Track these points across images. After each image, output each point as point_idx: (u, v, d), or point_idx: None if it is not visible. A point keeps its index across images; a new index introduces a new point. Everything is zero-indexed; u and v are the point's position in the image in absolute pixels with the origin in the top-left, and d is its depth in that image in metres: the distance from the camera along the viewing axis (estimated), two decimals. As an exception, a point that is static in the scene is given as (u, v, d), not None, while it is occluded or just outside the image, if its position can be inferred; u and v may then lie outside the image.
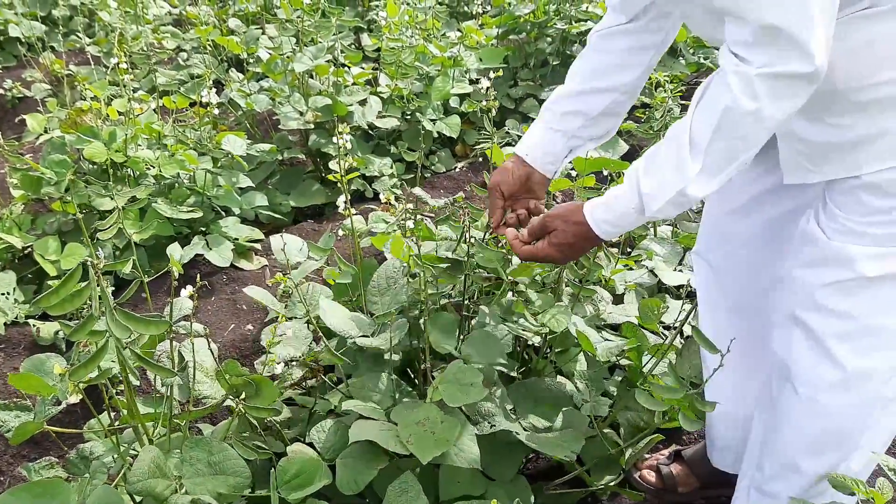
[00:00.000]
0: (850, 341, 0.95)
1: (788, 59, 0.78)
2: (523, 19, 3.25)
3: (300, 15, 2.84)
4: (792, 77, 0.80)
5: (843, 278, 0.92)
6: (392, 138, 2.78)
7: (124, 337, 1.01)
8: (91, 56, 3.30)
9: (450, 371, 1.19)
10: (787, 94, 0.81)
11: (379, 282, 1.38)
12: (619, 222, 1.00)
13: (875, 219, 0.89)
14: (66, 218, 2.19)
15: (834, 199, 0.93)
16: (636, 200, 0.95)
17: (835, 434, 1.01)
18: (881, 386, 0.96)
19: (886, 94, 0.84)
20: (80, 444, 1.24)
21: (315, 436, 1.29)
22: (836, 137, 0.90)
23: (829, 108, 0.89)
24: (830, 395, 0.98)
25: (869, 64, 0.84)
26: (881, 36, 0.83)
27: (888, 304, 0.92)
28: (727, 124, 0.84)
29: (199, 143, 2.37)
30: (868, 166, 0.87)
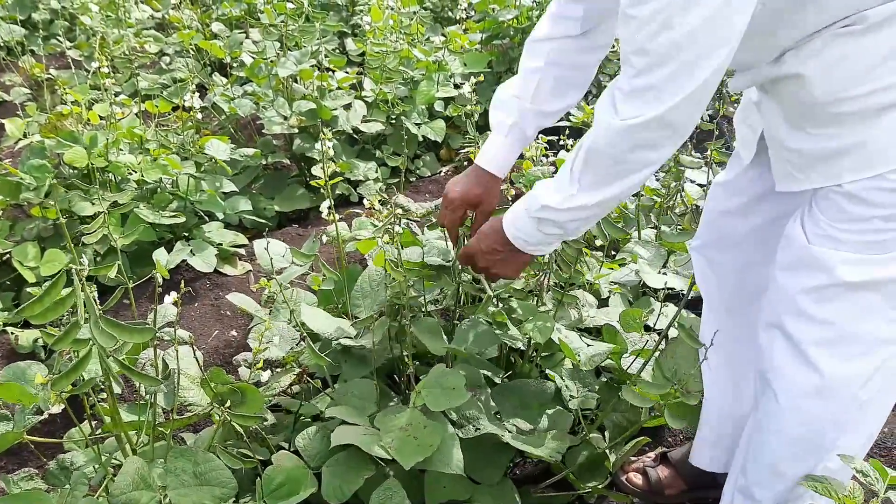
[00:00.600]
0: (828, 347, 0.96)
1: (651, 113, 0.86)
2: (507, 24, 3.27)
3: (284, 20, 2.84)
4: (651, 131, 0.87)
5: (823, 283, 0.94)
6: (377, 143, 2.77)
7: (109, 345, 1.00)
8: (72, 60, 3.26)
9: (433, 375, 1.19)
10: (645, 147, 0.90)
11: (363, 286, 1.39)
12: (520, 229, 1.08)
13: (854, 226, 0.90)
14: (46, 224, 2.16)
15: (818, 203, 0.95)
16: (530, 208, 1.04)
17: (815, 438, 1.02)
18: (858, 390, 0.97)
19: (861, 106, 0.86)
20: (61, 455, 1.22)
21: (300, 443, 1.28)
22: (817, 147, 0.92)
23: (809, 118, 0.91)
24: (810, 402, 0.99)
25: (844, 78, 0.86)
26: (854, 52, 0.85)
27: (865, 310, 0.93)
28: (590, 160, 0.95)
29: (182, 148, 2.35)
30: (848, 175, 0.89)
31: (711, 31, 0.80)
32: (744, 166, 1.15)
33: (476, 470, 1.26)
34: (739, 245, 1.18)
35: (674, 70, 0.82)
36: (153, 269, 2.02)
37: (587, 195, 0.98)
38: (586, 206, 0.99)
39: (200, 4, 3.96)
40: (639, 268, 1.95)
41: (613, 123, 0.89)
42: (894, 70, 0.83)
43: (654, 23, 0.81)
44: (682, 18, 0.79)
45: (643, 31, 0.82)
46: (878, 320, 0.93)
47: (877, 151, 0.86)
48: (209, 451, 1.16)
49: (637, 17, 0.82)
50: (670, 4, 0.79)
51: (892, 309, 0.92)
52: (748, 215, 1.16)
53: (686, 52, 0.81)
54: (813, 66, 0.87)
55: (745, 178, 1.16)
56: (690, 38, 0.80)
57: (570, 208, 1.00)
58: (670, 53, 0.82)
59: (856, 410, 1.00)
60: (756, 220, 1.15)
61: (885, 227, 0.88)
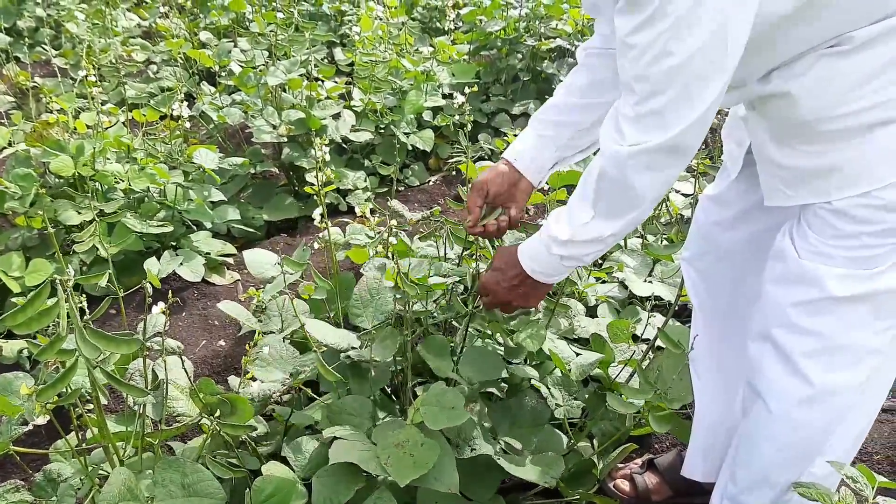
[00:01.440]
0: (817, 358, 0.98)
1: (658, 138, 0.87)
2: (494, 36, 3.30)
3: (273, 29, 2.84)
4: (657, 156, 0.89)
5: (813, 297, 0.95)
6: (366, 152, 2.78)
7: (94, 356, 0.99)
8: (58, 68, 3.24)
9: (432, 393, 1.18)
10: (654, 168, 0.91)
11: (362, 294, 1.38)
12: (538, 260, 1.10)
13: (843, 242, 0.92)
14: (31, 233, 2.13)
15: (807, 219, 0.96)
16: (546, 240, 1.06)
17: (805, 446, 1.04)
18: (849, 398, 1.00)
19: (847, 125, 0.88)
20: (46, 466, 1.21)
21: (291, 453, 1.27)
22: (805, 164, 0.93)
23: (798, 135, 0.93)
24: (800, 411, 1.01)
25: (830, 97, 0.88)
26: (840, 72, 0.87)
27: (854, 322, 0.95)
28: (603, 188, 0.97)
29: (170, 157, 2.34)
30: (837, 193, 0.90)
31: (709, 55, 0.81)
32: (732, 180, 1.17)
33: (469, 487, 1.26)
34: (729, 256, 1.20)
35: (675, 96, 0.84)
36: (139, 278, 2.01)
37: (604, 223, 1.00)
38: (602, 236, 1.01)
39: (188, 13, 3.95)
40: (625, 277, 1.97)
41: (621, 150, 0.91)
42: (878, 90, 0.85)
43: (653, 50, 0.82)
44: (679, 45, 0.81)
45: (643, 59, 0.84)
46: (866, 331, 0.95)
47: (863, 169, 0.88)
48: (198, 461, 1.15)
49: (636, 46, 0.84)
50: (667, 32, 0.80)
51: (878, 320, 0.95)
52: (737, 227, 1.18)
53: (686, 77, 0.83)
54: (800, 85, 0.89)
55: (733, 191, 1.17)
56: (689, 63, 0.82)
57: (588, 240, 1.01)
58: (670, 79, 0.83)
59: (844, 418, 1.02)
60: (745, 231, 1.17)
61: (873, 242, 0.90)
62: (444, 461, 1.14)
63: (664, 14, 0.80)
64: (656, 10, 0.80)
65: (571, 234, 1.02)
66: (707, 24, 0.79)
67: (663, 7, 0.79)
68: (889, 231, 0.89)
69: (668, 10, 0.79)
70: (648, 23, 0.81)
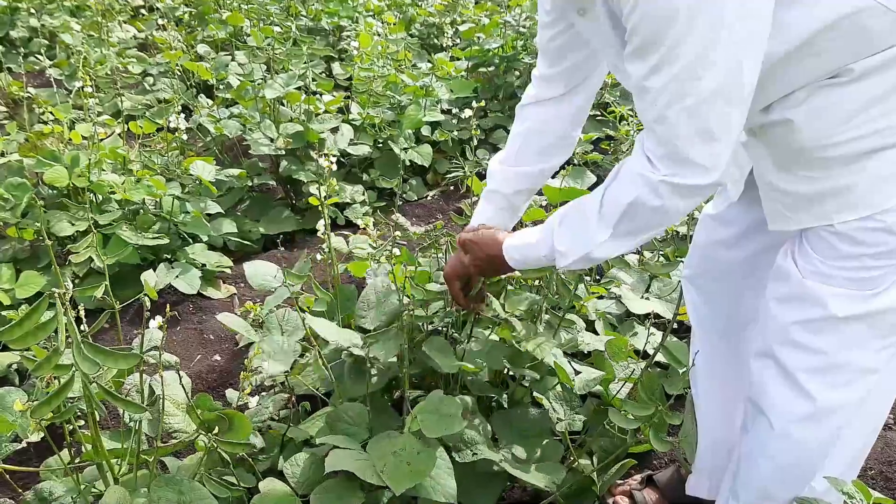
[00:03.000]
0: (820, 376, 0.99)
1: (690, 175, 0.89)
2: (492, 53, 3.33)
3: (271, 43, 2.85)
4: (691, 187, 0.90)
5: (815, 317, 0.97)
6: (364, 166, 2.78)
7: (92, 372, 0.97)
8: (53, 79, 3.22)
9: (430, 401, 1.18)
10: (687, 197, 0.92)
11: (368, 297, 1.38)
12: (527, 262, 1.13)
13: (845, 264, 0.93)
14: (23, 244, 2.10)
15: (809, 241, 0.98)
16: (546, 251, 1.07)
17: (805, 463, 1.04)
18: (845, 417, 1.01)
19: (845, 151, 0.89)
20: (37, 485, 1.17)
21: (288, 469, 1.25)
22: (806, 189, 0.95)
23: (798, 161, 0.94)
24: (801, 428, 1.02)
25: (828, 124, 0.89)
26: (838, 101, 0.88)
27: (856, 341, 0.96)
28: (632, 213, 0.96)
29: (167, 169, 2.33)
30: (838, 216, 0.92)
31: (725, 95, 0.83)
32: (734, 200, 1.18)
33: (469, 497, 1.25)
34: (730, 275, 1.20)
35: (695, 135, 0.85)
36: (134, 292, 1.98)
37: (618, 243, 1.00)
38: (614, 253, 1.02)
39: (185, 26, 3.95)
40: (621, 294, 1.97)
41: (657, 177, 0.91)
42: (875, 118, 0.87)
43: (669, 92, 0.84)
44: (694, 86, 0.82)
45: (660, 101, 0.85)
46: (865, 350, 0.97)
47: (862, 194, 0.90)
48: (194, 479, 1.12)
49: (652, 89, 0.85)
50: (682, 74, 0.82)
51: (876, 339, 0.96)
52: (738, 246, 1.18)
53: (703, 118, 0.84)
54: (799, 113, 0.91)
55: (734, 211, 1.18)
56: (706, 104, 0.83)
57: (596, 258, 1.03)
58: (690, 121, 0.85)
59: (842, 436, 1.03)
60: (746, 250, 1.18)
61: (874, 264, 0.92)
62: (441, 469, 1.14)
63: (676, 57, 0.81)
64: (668, 53, 0.81)
65: (586, 252, 1.02)
66: (722, 63, 0.80)
67: (674, 49, 0.80)
68: (889, 253, 0.91)
69: (680, 53, 0.80)
70: (662, 66, 0.83)
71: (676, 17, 0.78)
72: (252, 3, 3.91)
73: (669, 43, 0.80)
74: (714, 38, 0.79)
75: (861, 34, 0.83)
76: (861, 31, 0.83)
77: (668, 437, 1.20)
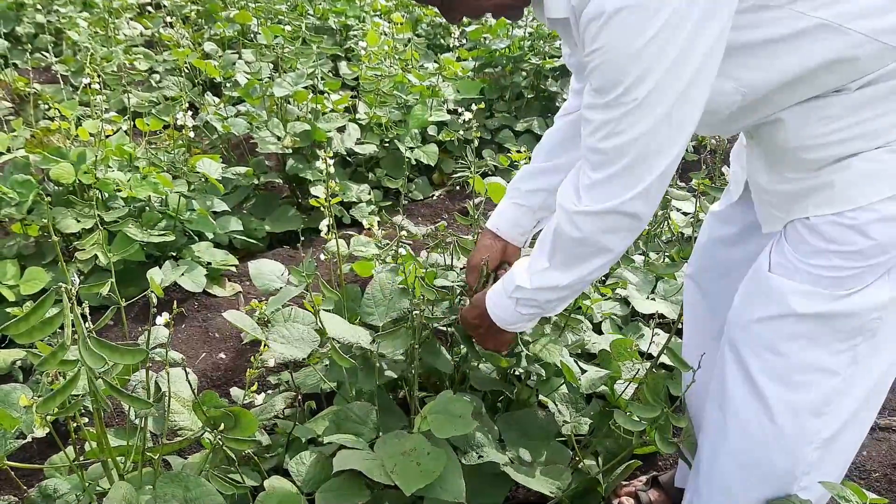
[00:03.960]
0: (776, 376, 0.99)
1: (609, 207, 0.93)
2: (499, 53, 3.33)
3: (280, 41, 2.84)
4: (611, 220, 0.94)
5: (774, 313, 0.97)
6: (370, 165, 2.77)
7: (98, 367, 0.96)
8: (59, 75, 3.22)
9: (439, 401, 1.17)
10: (608, 232, 0.96)
11: (374, 293, 1.38)
12: (500, 311, 1.14)
13: (813, 260, 0.94)
14: (28, 241, 2.10)
15: (787, 233, 0.99)
16: (510, 288, 1.10)
17: (767, 465, 1.03)
18: (810, 419, 0.99)
19: (833, 153, 0.92)
20: (42, 482, 1.17)
21: (294, 467, 1.24)
22: (794, 187, 0.97)
23: (786, 161, 0.97)
24: (759, 427, 1.01)
25: (813, 130, 0.92)
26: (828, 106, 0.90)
27: (812, 341, 0.96)
28: (558, 242, 1.02)
29: (173, 166, 2.32)
30: (815, 210, 0.94)
31: (657, 136, 0.87)
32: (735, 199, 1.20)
33: (475, 497, 1.24)
34: (730, 273, 1.20)
35: (625, 169, 0.90)
36: (139, 289, 1.97)
37: (559, 274, 1.04)
38: (559, 285, 1.05)
39: (192, 24, 3.96)
40: (628, 293, 1.96)
41: (577, 209, 0.96)
42: (862, 121, 0.89)
43: (606, 128, 0.89)
44: (630, 126, 0.86)
45: (597, 134, 0.90)
46: (825, 351, 0.96)
47: (840, 191, 0.92)
48: (200, 475, 1.11)
49: (592, 121, 0.90)
50: (622, 114, 0.86)
51: (837, 341, 0.95)
52: (740, 244, 1.19)
53: (635, 153, 0.89)
54: (790, 113, 0.93)
55: (737, 209, 1.20)
56: (638, 141, 0.87)
57: (543, 287, 1.06)
58: (620, 156, 0.89)
59: (814, 447, 1.00)
60: (747, 249, 1.18)
61: (841, 263, 0.92)
62: (450, 470, 1.14)
63: (624, 102, 0.85)
64: (618, 97, 0.85)
65: (529, 279, 1.06)
66: (658, 109, 0.85)
67: (625, 95, 0.85)
68: (857, 254, 0.91)
69: (628, 99, 0.85)
70: (608, 106, 0.87)
71: (630, 72, 0.83)
72: (260, 2, 3.91)
73: (621, 91, 0.85)
74: (660, 96, 0.84)
75: (852, 64, 0.86)
76: (852, 61, 0.86)
77: (673, 439, 1.19)
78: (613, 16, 0.80)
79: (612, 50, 0.83)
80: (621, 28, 0.81)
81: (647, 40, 0.80)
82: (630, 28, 0.80)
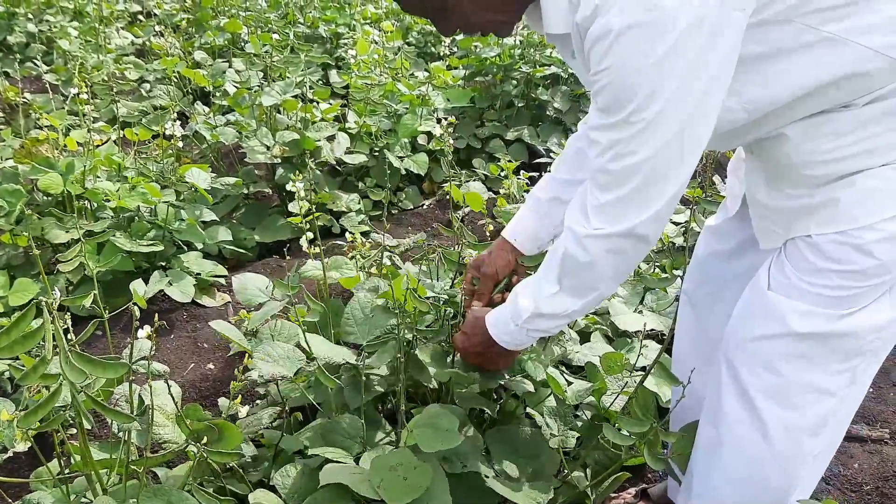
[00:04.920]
0: (773, 395, 0.98)
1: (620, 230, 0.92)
2: (490, 62, 3.34)
3: (269, 50, 2.85)
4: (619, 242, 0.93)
5: (773, 332, 0.96)
6: (360, 174, 2.78)
7: (79, 381, 0.96)
8: (49, 84, 3.22)
9: (426, 415, 1.17)
10: (616, 253, 0.94)
11: (354, 313, 1.37)
12: (504, 333, 1.12)
13: (814, 279, 0.93)
14: (17, 251, 2.09)
15: (786, 250, 0.98)
16: (511, 312, 1.08)
17: (761, 482, 1.03)
18: (805, 439, 0.99)
19: (836, 169, 0.90)
20: (27, 495, 1.16)
21: (279, 480, 1.24)
22: (796, 204, 0.96)
23: (788, 177, 0.96)
24: (753, 445, 1.01)
25: (818, 145, 0.91)
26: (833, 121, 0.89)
27: (810, 361, 0.95)
28: (566, 266, 0.99)
29: (162, 176, 2.32)
30: (817, 228, 0.93)
31: (668, 157, 0.86)
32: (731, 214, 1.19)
33: (465, 509, 1.23)
34: (725, 290, 1.20)
35: (634, 191, 0.89)
36: (127, 299, 1.97)
37: (569, 298, 1.02)
38: (567, 311, 1.03)
39: (183, 33, 3.96)
40: (611, 308, 1.93)
41: (585, 232, 0.95)
42: (867, 137, 0.88)
43: (615, 149, 0.87)
44: (640, 147, 0.85)
45: (605, 155, 0.88)
46: (823, 372, 0.96)
47: (844, 209, 0.91)
48: (183, 489, 1.11)
49: (600, 143, 0.88)
50: (630, 135, 0.85)
51: (836, 362, 0.95)
52: (734, 259, 1.19)
53: (645, 174, 0.87)
54: (794, 129, 0.92)
55: (733, 224, 1.19)
56: (648, 162, 0.86)
57: (553, 314, 1.04)
58: (630, 177, 0.88)
59: (806, 461, 1.01)
60: (742, 265, 1.18)
61: (842, 283, 0.91)
62: (437, 484, 1.13)
63: (632, 122, 0.84)
64: (627, 117, 0.84)
65: (536, 306, 1.04)
66: (668, 129, 0.83)
67: (634, 115, 0.83)
68: (859, 274, 0.90)
69: (636, 119, 0.83)
70: (616, 126, 0.85)
71: (639, 92, 0.81)
72: (250, 11, 3.92)
73: (630, 111, 0.83)
74: (670, 115, 0.83)
75: (861, 79, 0.85)
76: (862, 77, 0.85)
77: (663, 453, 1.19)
78: (621, 35, 0.78)
79: (620, 69, 0.81)
80: (629, 47, 0.79)
81: (657, 59, 0.78)
82: (638, 47, 0.78)
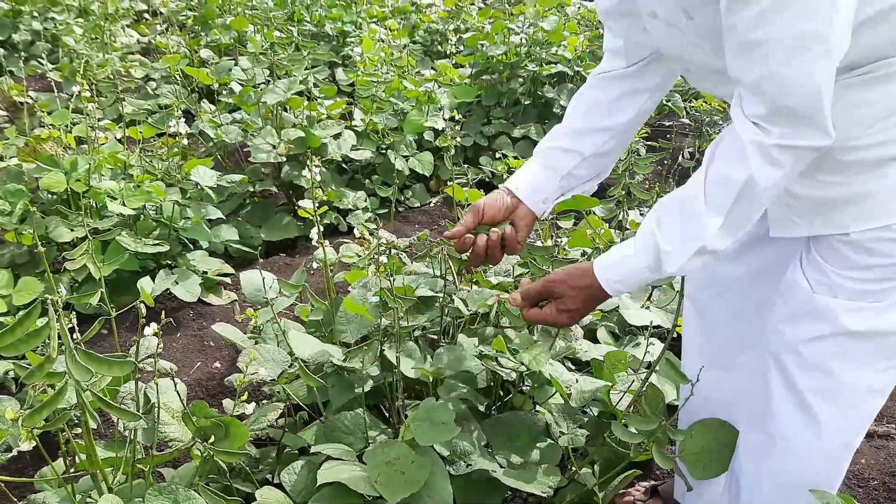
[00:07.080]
0: (828, 396, 0.97)
1: (806, 135, 0.81)
2: (496, 60, 3.32)
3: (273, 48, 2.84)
4: (810, 149, 0.82)
5: (825, 333, 0.94)
6: (366, 172, 2.77)
7: (85, 379, 0.95)
8: (54, 83, 3.22)
9: (422, 409, 1.17)
10: (802, 161, 0.84)
11: (346, 311, 1.37)
12: (629, 281, 0.98)
13: (857, 274, 0.91)
14: (21, 250, 2.09)
15: (820, 251, 0.95)
16: (650, 259, 0.93)
17: (811, 483, 1.02)
18: (853, 436, 1.00)
19: (869, 156, 0.86)
20: (31, 495, 1.15)
21: (285, 478, 1.24)
22: (825, 194, 0.91)
23: (819, 165, 0.89)
24: (806, 447, 1.00)
25: (855, 126, 0.86)
26: (868, 101, 0.84)
27: (860, 360, 0.94)
28: (749, 193, 0.85)
29: (167, 174, 2.31)
30: (855, 225, 0.89)
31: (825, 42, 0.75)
32: None
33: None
34: (730, 290, 1.18)
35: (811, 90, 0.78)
36: (133, 298, 1.96)
37: (732, 230, 0.89)
38: (725, 244, 0.90)
39: (189, 31, 3.96)
40: (620, 303, 1.92)
41: (767, 141, 0.82)
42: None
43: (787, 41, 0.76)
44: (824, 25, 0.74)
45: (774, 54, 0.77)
46: (872, 370, 0.95)
47: (880, 204, 0.88)
48: (190, 487, 1.10)
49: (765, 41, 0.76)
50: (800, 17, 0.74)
51: (882, 359, 0.94)
52: (738, 260, 1.16)
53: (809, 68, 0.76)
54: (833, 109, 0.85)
55: None
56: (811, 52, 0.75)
57: (713, 249, 0.90)
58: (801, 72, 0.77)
59: (850, 457, 1.02)
60: (746, 265, 1.16)
61: (885, 275, 0.89)
62: (436, 477, 1.13)
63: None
64: None
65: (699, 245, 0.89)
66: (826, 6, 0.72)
67: None
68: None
69: None
70: (773, 10, 0.73)
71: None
72: (256, 9, 3.91)
73: None
74: None
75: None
76: None
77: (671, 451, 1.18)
78: None
79: None
80: None
81: None
82: None
